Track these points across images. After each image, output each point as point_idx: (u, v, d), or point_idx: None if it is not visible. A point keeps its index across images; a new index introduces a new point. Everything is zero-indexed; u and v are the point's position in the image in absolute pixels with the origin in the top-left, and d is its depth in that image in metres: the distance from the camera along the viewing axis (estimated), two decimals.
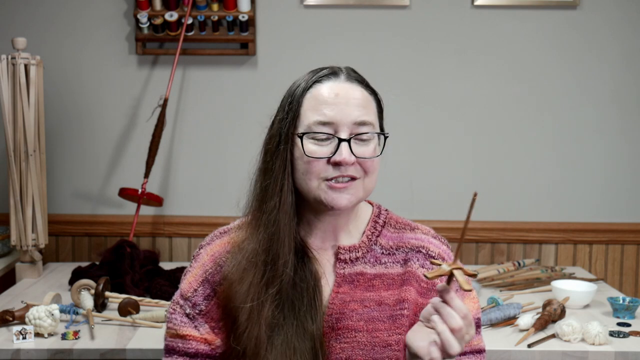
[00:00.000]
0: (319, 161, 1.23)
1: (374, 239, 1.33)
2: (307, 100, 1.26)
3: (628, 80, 2.74)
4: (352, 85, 1.28)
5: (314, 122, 1.24)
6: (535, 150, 2.76)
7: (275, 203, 1.25)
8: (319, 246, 1.31)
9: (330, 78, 1.28)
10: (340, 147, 1.23)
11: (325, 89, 1.26)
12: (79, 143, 2.75)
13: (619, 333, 1.96)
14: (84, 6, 2.71)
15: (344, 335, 1.27)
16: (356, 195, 1.26)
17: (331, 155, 1.23)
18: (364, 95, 1.27)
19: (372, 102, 1.29)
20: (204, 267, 1.32)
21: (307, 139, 1.24)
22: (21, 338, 1.84)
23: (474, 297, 1.35)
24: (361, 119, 1.25)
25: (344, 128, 1.24)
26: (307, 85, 1.28)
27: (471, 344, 1.31)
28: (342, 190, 1.24)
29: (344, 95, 1.25)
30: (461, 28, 2.72)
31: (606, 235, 2.77)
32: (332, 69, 1.30)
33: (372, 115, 1.28)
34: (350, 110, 1.24)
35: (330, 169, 1.23)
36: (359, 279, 1.30)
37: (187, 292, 1.32)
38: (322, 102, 1.25)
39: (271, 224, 1.25)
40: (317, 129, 1.24)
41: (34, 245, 2.43)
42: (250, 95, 2.72)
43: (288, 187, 1.26)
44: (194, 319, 1.30)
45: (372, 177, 1.27)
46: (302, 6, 2.71)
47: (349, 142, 1.23)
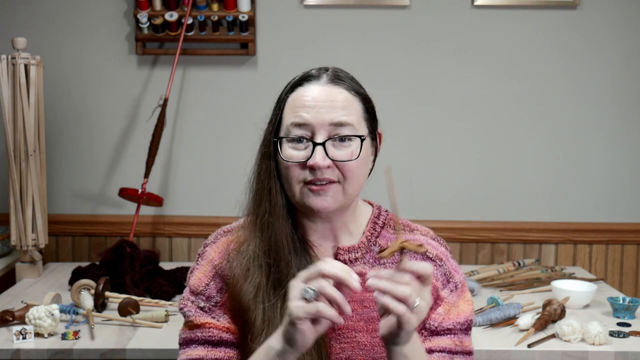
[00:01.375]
0: (296, 165, 1.23)
1: (373, 240, 1.33)
2: (288, 104, 1.26)
3: (628, 80, 2.74)
4: (334, 87, 1.26)
5: (290, 124, 1.24)
6: (535, 150, 2.76)
7: (266, 207, 1.26)
8: (319, 245, 1.31)
9: (312, 81, 1.27)
10: (315, 151, 1.22)
11: (303, 91, 1.25)
12: (79, 143, 2.75)
13: (619, 333, 1.96)
14: (84, 6, 2.71)
15: (344, 335, 1.26)
16: (336, 199, 1.24)
17: (306, 159, 1.22)
18: (345, 97, 1.25)
19: (356, 103, 1.27)
20: (212, 262, 1.31)
21: (285, 142, 1.24)
22: (21, 338, 1.84)
23: (469, 300, 1.34)
24: (338, 119, 1.23)
25: (320, 130, 1.22)
26: (289, 88, 1.28)
27: (463, 344, 1.31)
28: (321, 193, 1.23)
29: (323, 98, 1.24)
30: (461, 28, 2.72)
31: (606, 235, 2.76)
32: (317, 71, 1.29)
33: (354, 116, 1.25)
34: (328, 112, 1.23)
35: (307, 172, 1.23)
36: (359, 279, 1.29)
37: (198, 287, 1.29)
38: (299, 105, 1.24)
39: (266, 228, 1.25)
40: (294, 131, 1.23)
41: (34, 245, 2.43)
42: (250, 95, 2.72)
43: (276, 190, 1.26)
44: (210, 311, 1.28)
45: (352, 182, 1.25)
46: (302, 6, 2.71)
47: (324, 145, 1.22)
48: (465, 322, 1.31)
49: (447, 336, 1.29)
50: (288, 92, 1.27)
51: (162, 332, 1.95)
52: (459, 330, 1.30)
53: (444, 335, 1.29)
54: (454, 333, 1.29)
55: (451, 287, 1.32)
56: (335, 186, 1.24)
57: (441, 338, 1.29)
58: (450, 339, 1.29)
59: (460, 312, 1.31)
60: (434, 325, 1.28)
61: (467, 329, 1.32)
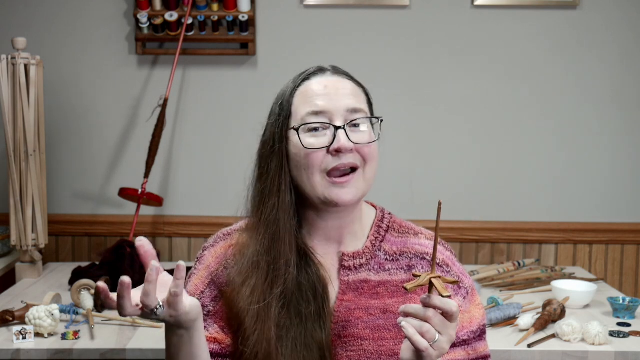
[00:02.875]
0: (318, 152, 1.23)
1: (377, 245, 1.32)
2: (297, 98, 1.27)
3: (628, 80, 2.74)
4: (340, 78, 1.29)
5: (307, 113, 1.24)
6: (535, 150, 2.76)
7: (274, 203, 1.25)
8: (323, 250, 1.30)
9: (317, 74, 1.29)
10: (338, 134, 1.22)
11: (313, 83, 1.27)
12: (79, 143, 2.75)
13: (619, 333, 1.96)
14: (84, 6, 2.71)
15: (350, 343, 1.25)
16: (358, 188, 1.25)
17: (329, 144, 1.22)
18: (352, 86, 1.29)
19: (361, 93, 1.30)
20: (209, 269, 1.32)
21: (303, 132, 1.24)
22: (21, 338, 1.84)
23: (479, 304, 1.34)
24: (353, 106, 1.25)
25: (337, 116, 1.24)
26: (296, 84, 1.28)
27: (477, 350, 1.30)
28: (345, 185, 1.23)
29: (333, 87, 1.26)
30: (461, 28, 2.72)
31: (606, 235, 2.76)
32: (317, 67, 1.31)
33: (363, 103, 1.29)
34: (341, 99, 1.25)
35: (330, 158, 1.23)
36: (364, 286, 1.28)
37: (194, 294, 1.30)
38: (312, 95, 1.25)
39: (271, 224, 1.25)
40: (312, 119, 1.24)
41: (34, 245, 2.42)
42: (250, 95, 2.72)
43: (286, 186, 1.26)
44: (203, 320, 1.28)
45: (371, 165, 1.26)
46: (302, 6, 2.71)
47: (344, 129, 1.23)
48: (478, 329, 1.31)
49: (462, 347, 1.29)
50: (296, 87, 1.28)
51: (162, 332, 1.95)
52: (472, 340, 1.30)
53: (459, 347, 1.28)
54: (468, 344, 1.29)
55: (463, 293, 1.31)
56: (357, 174, 1.24)
57: (457, 350, 1.28)
58: (464, 349, 1.29)
59: (472, 318, 1.31)
60: None
61: (481, 334, 1.32)
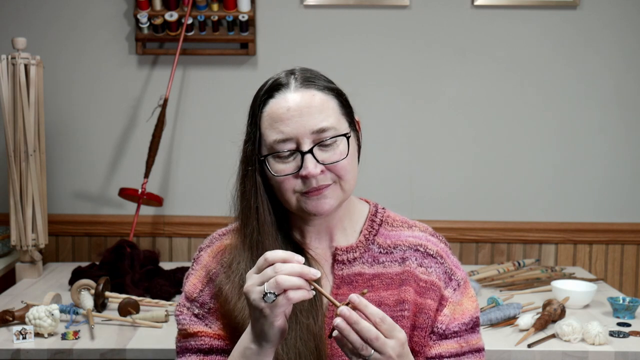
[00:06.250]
0: (289, 178, 1.22)
1: (371, 238, 1.32)
2: (264, 120, 1.24)
3: (628, 80, 2.74)
4: (304, 92, 1.23)
5: (274, 141, 1.22)
6: (536, 150, 2.76)
7: (254, 226, 1.25)
8: (316, 246, 1.31)
9: (281, 90, 1.24)
10: (305, 160, 1.20)
11: (277, 104, 1.23)
12: (79, 143, 2.75)
13: (619, 333, 1.96)
14: (84, 6, 2.71)
15: None
16: (336, 198, 1.24)
17: (297, 170, 1.21)
18: (318, 99, 1.22)
19: (331, 101, 1.24)
20: (207, 267, 1.32)
21: (272, 158, 1.23)
22: (21, 338, 1.84)
23: (472, 296, 1.34)
24: (319, 126, 1.21)
25: (304, 139, 1.20)
26: (261, 102, 1.25)
27: (470, 343, 1.30)
28: (320, 196, 1.22)
29: (297, 108, 1.21)
30: (461, 28, 2.72)
31: (606, 235, 2.77)
32: (285, 76, 1.26)
33: (332, 117, 1.23)
34: (307, 121, 1.21)
35: (301, 182, 1.22)
36: (358, 279, 1.29)
37: (193, 293, 1.31)
38: (276, 120, 1.22)
39: (255, 247, 1.24)
40: (279, 147, 1.21)
41: (34, 245, 2.42)
42: (250, 96, 2.69)
43: (264, 208, 1.25)
44: (204, 318, 1.29)
45: (347, 178, 1.23)
46: (302, 6, 2.71)
47: (312, 152, 1.20)
48: (471, 321, 1.31)
49: (454, 339, 1.29)
50: (261, 107, 1.25)
51: (162, 332, 1.95)
52: (464, 332, 1.30)
53: (451, 339, 1.29)
54: (460, 335, 1.29)
55: (454, 285, 1.31)
56: (333, 186, 1.23)
57: (449, 342, 1.28)
58: (457, 342, 1.29)
59: (464, 311, 1.31)
60: (442, 328, 1.28)
61: (474, 327, 1.32)
